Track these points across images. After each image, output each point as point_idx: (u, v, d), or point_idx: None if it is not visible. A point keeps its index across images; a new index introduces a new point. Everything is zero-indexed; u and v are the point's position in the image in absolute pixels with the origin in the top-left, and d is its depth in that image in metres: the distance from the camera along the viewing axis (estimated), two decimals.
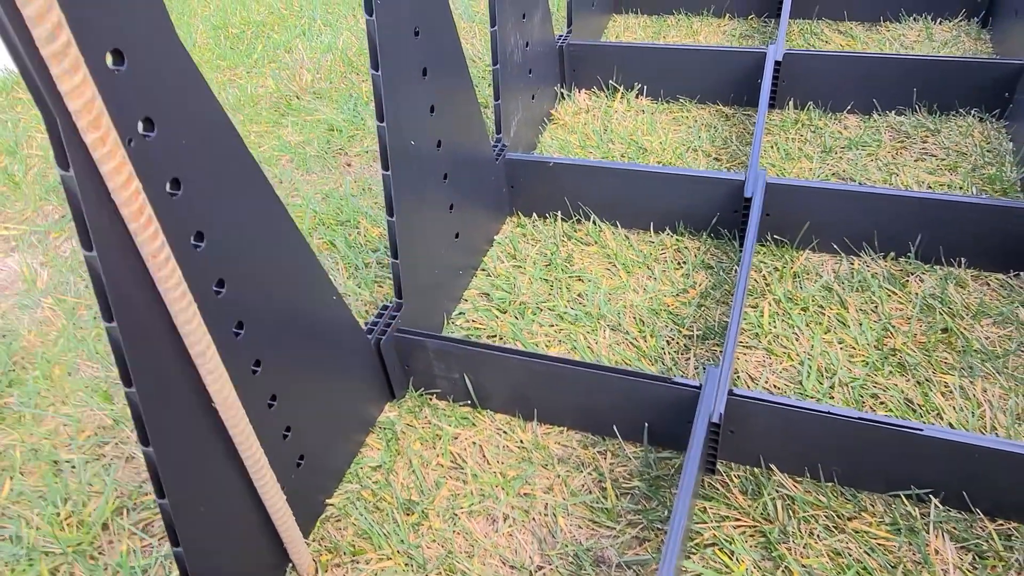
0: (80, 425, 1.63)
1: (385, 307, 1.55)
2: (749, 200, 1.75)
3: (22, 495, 1.50)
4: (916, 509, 1.30)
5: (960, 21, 2.63)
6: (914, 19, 2.67)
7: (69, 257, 2.15)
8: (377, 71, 1.32)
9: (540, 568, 1.30)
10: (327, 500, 1.42)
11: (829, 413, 1.27)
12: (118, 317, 0.86)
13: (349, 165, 2.40)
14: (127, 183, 0.79)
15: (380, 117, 1.36)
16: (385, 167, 1.42)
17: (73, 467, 1.55)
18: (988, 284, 1.70)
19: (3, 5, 0.66)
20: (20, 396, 1.71)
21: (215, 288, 1.03)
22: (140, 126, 0.85)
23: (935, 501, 1.29)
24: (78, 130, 0.75)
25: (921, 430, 1.22)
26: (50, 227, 2.29)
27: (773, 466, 1.39)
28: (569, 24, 2.47)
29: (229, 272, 1.04)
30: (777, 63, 2.19)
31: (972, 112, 2.17)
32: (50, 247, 2.21)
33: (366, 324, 1.52)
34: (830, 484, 1.36)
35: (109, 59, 0.79)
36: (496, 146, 1.96)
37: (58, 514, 1.46)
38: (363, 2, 1.28)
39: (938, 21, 2.65)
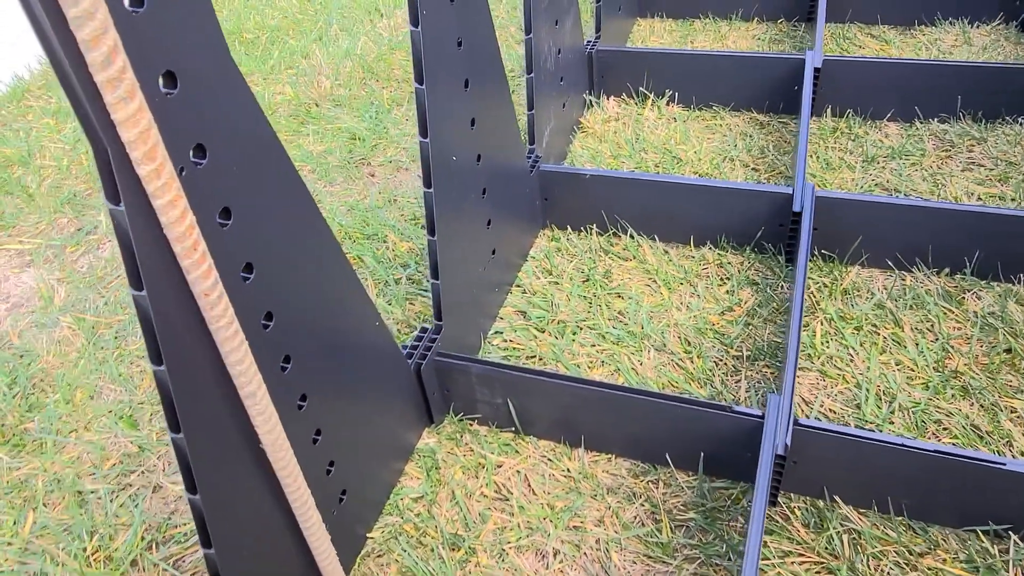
0: (104, 453, 1.56)
1: (424, 329, 1.48)
2: (798, 215, 1.68)
3: (46, 528, 1.43)
4: (994, 546, 1.23)
5: (998, 25, 2.56)
6: (950, 23, 2.60)
7: (87, 273, 2.09)
8: (422, 85, 1.25)
9: None
10: (367, 534, 1.35)
11: (903, 446, 1.20)
12: (167, 360, 0.80)
13: (372, 175, 2.33)
14: (182, 217, 0.72)
15: (424, 133, 1.29)
16: (427, 184, 1.35)
17: (99, 498, 1.48)
18: None
19: (55, 27, 0.59)
20: (41, 422, 1.65)
21: (263, 322, 0.96)
22: (191, 153, 0.79)
23: (1015, 538, 1.22)
24: (131, 161, 0.68)
25: (1004, 464, 1.15)
26: (66, 241, 2.22)
27: (837, 498, 1.32)
28: (597, 29, 2.40)
29: (278, 304, 0.97)
30: (816, 70, 2.12)
31: (1019, 120, 2.10)
32: (66, 262, 2.15)
33: (404, 347, 1.45)
34: (899, 518, 1.29)
35: (161, 82, 0.73)
36: (530, 157, 1.90)
37: (84, 549, 1.39)
38: (408, 13, 1.21)
39: (975, 25, 2.58)
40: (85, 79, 0.63)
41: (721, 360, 1.60)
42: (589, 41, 2.38)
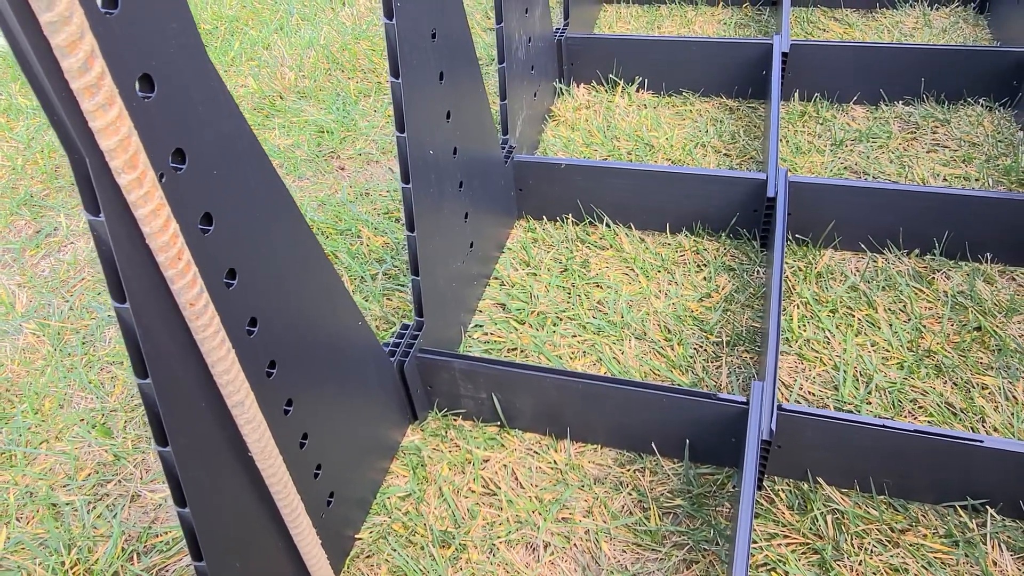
0: (78, 463, 1.52)
1: (405, 326, 1.46)
2: (772, 200, 1.69)
3: (20, 544, 1.39)
4: (972, 520, 1.27)
5: (957, 7, 2.60)
6: (910, 5, 2.64)
7: (49, 276, 2.02)
8: (397, 79, 1.23)
9: None
10: (356, 535, 1.34)
11: (883, 427, 1.22)
12: (152, 373, 0.77)
13: (343, 169, 2.30)
14: (165, 226, 0.70)
15: (401, 127, 1.27)
16: (405, 180, 1.33)
17: (75, 510, 1.44)
18: (1015, 279, 1.68)
19: (27, 32, 0.56)
20: (8, 433, 1.59)
21: (247, 328, 0.94)
22: (170, 159, 0.76)
23: (992, 512, 1.26)
24: (110, 169, 0.65)
25: (982, 442, 1.18)
26: (24, 244, 2.15)
27: (821, 479, 1.34)
28: (566, 16, 2.39)
29: (262, 309, 0.95)
30: (784, 54, 2.13)
31: (980, 101, 2.14)
32: (27, 265, 2.07)
33: (386, 345, 1.43)
34: (881, 496, 1.32)
35: (137, 86, 0.70)
36: (503, 148, 1.88)
37: (63, 563, 1.35)
38: (382, 6, 1.18)
39: (935, 7, 2.62)
40: (60, 86, 0.60)
41: (701, 347, 1.62)
42: (558, 28, 2.36)
